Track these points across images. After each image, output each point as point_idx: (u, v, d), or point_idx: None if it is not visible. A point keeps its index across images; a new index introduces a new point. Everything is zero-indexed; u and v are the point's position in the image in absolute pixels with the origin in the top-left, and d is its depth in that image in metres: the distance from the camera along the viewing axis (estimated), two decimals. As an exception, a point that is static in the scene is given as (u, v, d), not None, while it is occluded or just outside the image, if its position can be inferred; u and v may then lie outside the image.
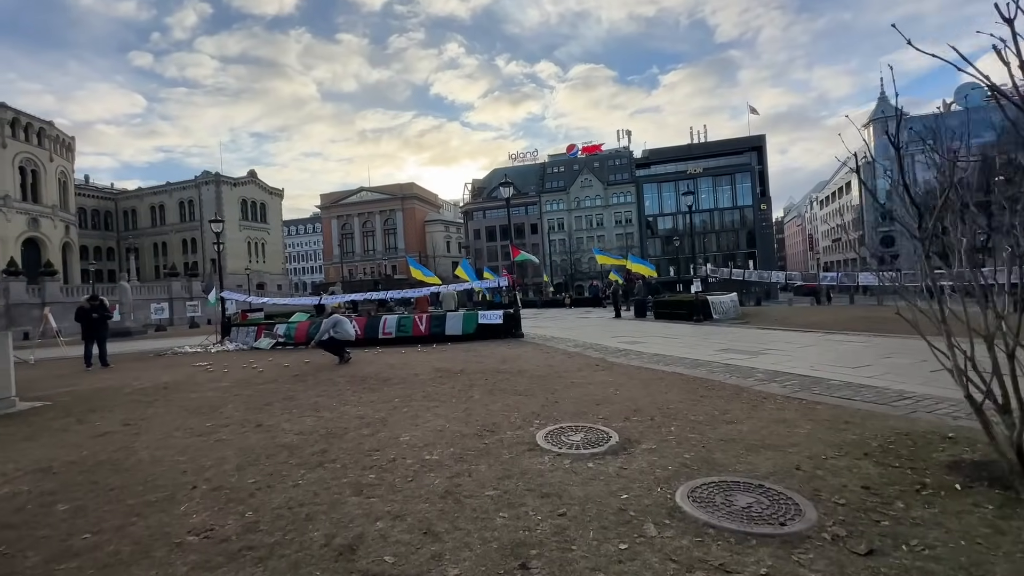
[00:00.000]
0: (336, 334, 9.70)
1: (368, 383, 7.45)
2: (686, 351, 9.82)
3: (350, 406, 6.03)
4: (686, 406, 5.42)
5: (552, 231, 73.82)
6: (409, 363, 9.47)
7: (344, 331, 9.79)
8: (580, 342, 12.37)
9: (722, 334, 12.75)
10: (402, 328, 13.64)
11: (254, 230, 67.46)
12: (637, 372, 7.75)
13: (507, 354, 10.29)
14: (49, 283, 32.48)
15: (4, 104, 45.18)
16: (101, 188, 69.07)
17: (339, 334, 9.72)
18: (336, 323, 9.74)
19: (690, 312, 17.06)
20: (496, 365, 8.78)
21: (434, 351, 11.55)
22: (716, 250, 71.17)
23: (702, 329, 14.47)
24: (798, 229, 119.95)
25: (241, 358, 12.09)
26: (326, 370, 9.08)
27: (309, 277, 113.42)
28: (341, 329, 9.74)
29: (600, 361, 9.01)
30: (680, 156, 74.65)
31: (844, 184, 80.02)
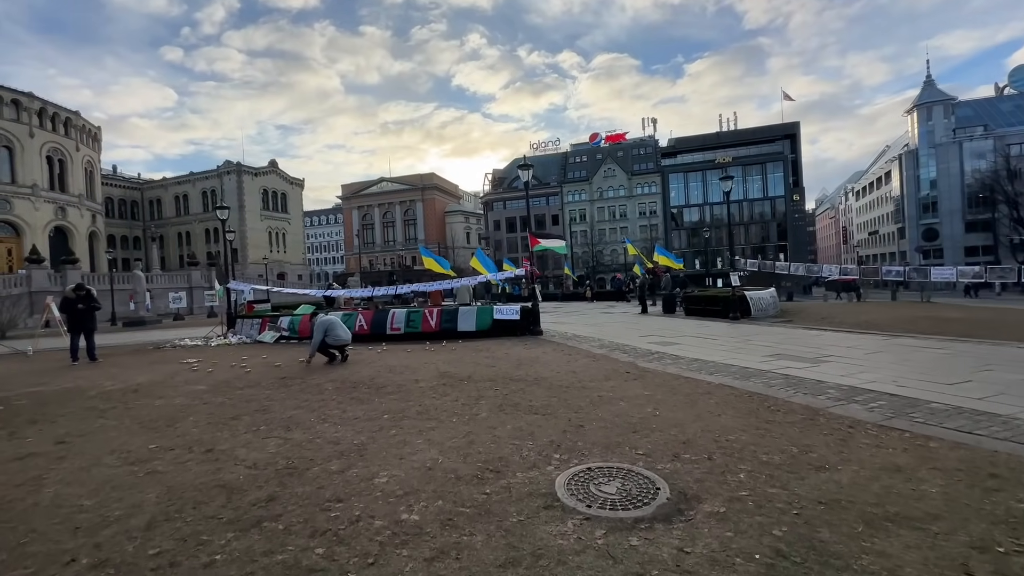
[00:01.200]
0: (328, 339, 8.68)
1: (359, 391, 6.38)
2: (730, 356, 8.49)
3: (328, 424, 4.96)
4: (751, 437, 4.17)
5: (574, 222, 72.08)
6: (412, 365, 8.39)
7: (337, 336, 8.77)
8: (606, 342, 11.12)
9: (766, 335, 11.33)
10: (411, 323, 12.60)
11: (275, 220, 67.61)
12: (677, 383, 6.49)
13: (523, 356, 9.12)
14: (70, 271, 32.62)
15: (32, 94, 45.74)
16: (128, 178, 70.14)
17: (332, 339, 8.70)
18: (328, 327, 8.71)
19: (726, 309, 15.59)
20: (510, 370, 7.62)
21: (442, 350, 10.46)
22: (745, 242, 68.41)
23: (741, 329, 13.04)
24: (831, 221, 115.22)
25: (238, 353, 11.23)
26: (318, 372, 8.07)
27: (331, 267, 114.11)
28: (333, 334, 8.71)
29: (631, 367, 7.77)
30: (708, 145, 71.85)
31: (883, 174, 75.96)
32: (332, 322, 8.87)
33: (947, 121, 63.41)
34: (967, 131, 62.58)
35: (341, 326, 9.02)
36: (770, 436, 4.18)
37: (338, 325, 8.92)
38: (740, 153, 69.48)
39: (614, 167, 72.27)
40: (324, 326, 8.74)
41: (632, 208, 71.64)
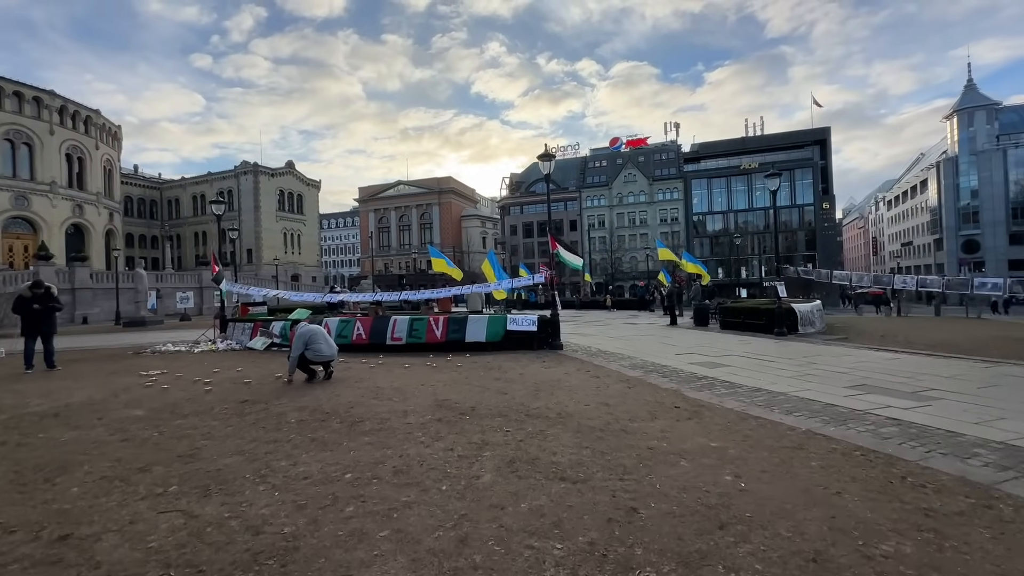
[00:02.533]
0: (309, 353, 7.24)
1: (327, 428, 4.88)
2: (800, 385, 6.80)
3: (265, 487, 3.45)
4: (916, 549, 2.54)
5: (592, 228, 70.32)
6: (405, 388, 6.88)
7: (319, 351, 7.32)
8: (638, 361, 9.48)
9: (829, 357, 9.56)
10: (414, 333, 11.12)
11: (291, 221, 67.23)
12: (748, 427, 4.86)
13: (542, 378, 7.55)
14: (79, 268, 32.10)
15: (53, 92, 45.95)
16: (148, 178, 70.59)
17: (312, 353, 7.26)
18: (310, 339, 7.28)
19: (769, 323, 13.79)
20: (525, 399, 6.05)
21: (446, 366, 8.94)
22: (771, 251, 65.73)
23: (793, 347, 11.26)
24: (859, 232, 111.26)
25: (215, 363, 9.88)
26: (289, 393, 6.61)
27: (347, 270, 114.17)
28: (315, 348, 7.27)
29: (678, 399, 6.14)
30: (733, 150, 69.52)
31: (919, 183, 72.56)
32: (314, 333, 7.43)
33: (990, 127, 60.15)
34: (1012, 138, 59.26)
35: (325, 339, 7.57)
36: (952, 550, 2.54)
37: (321, 337, 7.46)
38: (767, 159, 66.90)
39: (635, 172, 70.37)
40: (304, 338, 7.31)
41: (653, 214, 69.55)
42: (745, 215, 67.08)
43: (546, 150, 11.07)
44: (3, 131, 42.42)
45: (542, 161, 11.25)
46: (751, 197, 67.35)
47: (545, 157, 11.15)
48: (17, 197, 43.08)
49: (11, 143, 43.05)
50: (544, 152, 11.13)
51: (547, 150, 11.07)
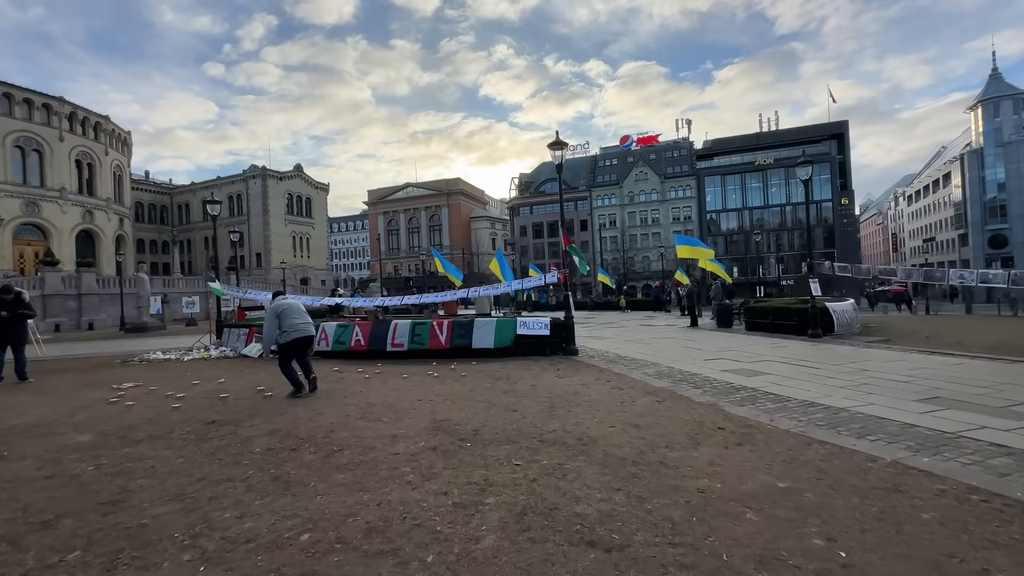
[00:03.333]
0: (284, 328, 6.41)
1: (297, 461, 4.00)
2: (860, 399, 5.79)
3: (192, 556, 2.58)
4: None
5: (603, 228, 69.14)
6: (399, 404, 5.99)
7: (293, 325, 6.47)
8: (663, 367, 8.51)
9: (876, 361, 8.50)
10: (416, 338, 10.25)
11: (299, 224, 67.02)
12: (814, 455, 3.89)
13: (557, 390, 6.62)
14: (85, 274, 31.81)
15: (63, 99, 46.07)
16: (159, 183, 70.89)
17: (287, 327, 6.44)
18: (284, 311, 6.48)
19: (802, 323, 12.71)
20: (539, 419, 5.13)
21: (449, 376, 8.05)
22: (788, 249, 64.08)
23: (833, 351, 10.19)
24: (878, 228, 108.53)
25: (200, 373, 9.10)
26: (264, 413, 5.76)
27: (357, 273, 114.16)
28: (290, 323, 6.46)
29: (720, 416, 5.18)
30: (747, 146, 67.93)
31: (941, 176, 70.24)
32: (288, 307, 6.60)
33: (1016, 117, 57.91)
34: (1039, 129, 56.94)
35: (301, 313, 6.75)
36: None
37: (296, 312, 6.65)
38: (782, 155, 65.24)
39: (646, 170, 69.08)
40: (277, 311, 6.49)
41: (665, 213, 68.18)
42: (760, 212, 65.43)
43: (557, 138, 10.15)
44: (13, 138, 42.57)
45: (553, 150, 10.33)
46: (766, 194, 65.72)
47: (556, 145, 10.23)
48: (27, 203, 43.19)
49: (21, 150, 43.18)
50: (555, 140, 10.21)
51: (558, 138, 10.15)
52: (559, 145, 10.19)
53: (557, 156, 10.30)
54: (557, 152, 10.32)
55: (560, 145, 10.18)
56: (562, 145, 10.20)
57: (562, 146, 10.22)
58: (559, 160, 10.24)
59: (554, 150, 10.33)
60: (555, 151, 10.30)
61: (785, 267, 61.94)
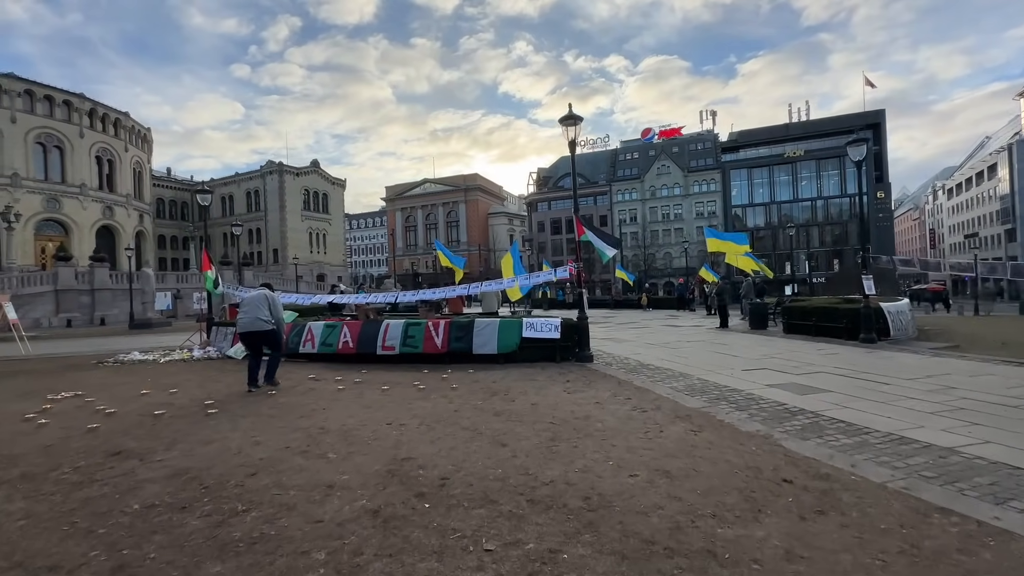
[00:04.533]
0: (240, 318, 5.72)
1: (170, 533, 2.79)
2: (969, 433, 4.31)
3: None
4: None
5: (624, 223, 67.08)
6: (359, 432, 4.77)
7: (239, 322, 5.81)
8: (694, 379, 7.12)
9: (960, 375, 6.94)
10: (409, 341, 9.05)
11: (316, 220, 66.80)
12: (946, 541, 2.50)
13: (563, 411, 5.31)
14: (98, 269, 31.68)
15: (83, 95, 46.43)
16: (180, 180, 71.61)
17: (243, 315, 5.75)
18: (241, 304, 5.83)
19: (852, 326, 11.09)
20: (533, 459, 3.84)
21: (438, 388, 6.81)
22: (819, 245, 61.15)
23: (895, 360, 8.63)
24: (914, 223, 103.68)
25: (162, 378, 8.06)
26: (189, 439, 4.60)
27: (375, 270, 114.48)
28: (244, 314, 5.75)
29: (780, 457, 3.80)
30: (776, 137, 64.98)
31: (985, 168, 66.16)
32: (244, 301, 6.00)
33: (1075, 103, 53.96)
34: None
35: (256, 308, 6.11)
36: None
37: (252, 305, 6.03)
38: (813, 146, 62.18)
39: (669, 164, 66.81)
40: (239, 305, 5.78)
41: (688, 208, 65.87)
42: (789, 207, 62.58)
43: (570, 111, 8.80)
44: (35, 134, 42.99)
45: (566, 126, 8.98)
46: (796, 187, 62.82)
47: (568, 120, 8.87)
48: (49, 199, 43.62)
49: (43, 146, 43.60)
50: (568, 114, 8.85)
51: (571, 111, 8.79)
52: (572, 119, 8.84)
53: (571, 132, 8.95)
54: (571, 128, 8.97)
55: (574, 119, 8.83)
56: (576, 119, 8.83)
57: (576, 120, 8.86)
58: (572, 137, 8.89)
59: (567, 126, 8.98)
60: (568, 127, 8.95)
61: (816, 264, 59.12)
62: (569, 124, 8.95)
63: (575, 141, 8.89)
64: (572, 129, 8.94)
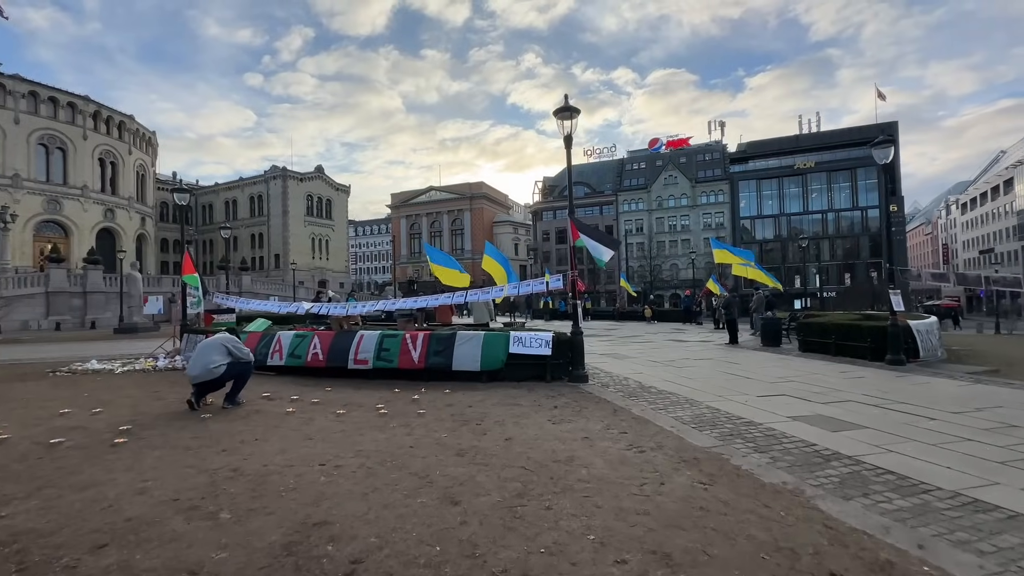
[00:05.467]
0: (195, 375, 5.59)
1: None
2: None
3: None
4: None
5: (630, 234, 66.12)
6: (279, 477, 3.83)
7: (193, 364, 5.74)
8: (703, 407, 6.13)
9: (1014, 408, 5.90)
10: (384, 355, 8.13)
11: (319, 226, 66.35)
12: None
13: (541, 450, 4.35)
14: (91, 272, 31.06)
15: (87, 97, 46.38)
16: (187, 184, 71.67)
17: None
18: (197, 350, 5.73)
19: (878, 346, 10.05)
20: (487, 530, 2.88)
21: (402, 413, 5.87)
22: (829, 259, 59.77)
23: (932, 387, 7.59)
24: (926, 238, 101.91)
25: (102, 393, 7.19)
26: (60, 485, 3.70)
27: (380, 277, 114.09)
28: (192, 361, 5.68)
29: (818, 528, 2.81)
30: (786, 149, 63.86)
31: (1001, 183, 64.67)
32: (207, 345, 5.81)
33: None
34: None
35: (205, 354, 5.77)
36: None
37: (203, 351, 5.77)
38: (824, 158, 61.04)
39: (676, 174, 65.93)
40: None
41: (695, 219, 64.81)
42: (799, 219, 61.34)
43: (566, 102, 7.92)
44: (38, 136, 42.86)
45: (561, 119, 8.11)
46: (806, 199, 61.58)
47: (564, 112, 7.99)
48: (49, 201, 43.36)
49: (45, 148, 43.45)
50: (563, 106, 7.97)
51: (567, 103, 7.92)
52: (568, 112, 7.95)
53: (567, 127, 8.06)
54: (567, 122, 8.09)
55: (570, 112, 7.94)
56: (572, 112, 7.94)
57: (572, 113, 7.97)
58: (568, 131, 8.00)
59: (563, 119, 8.10)
60: (564, 120, 8.07)
61: (826, 278, 57.81)
62: (565, 117, 8.07)
63: (571, 136, 8.00)
64: (568, 123, 8.07)
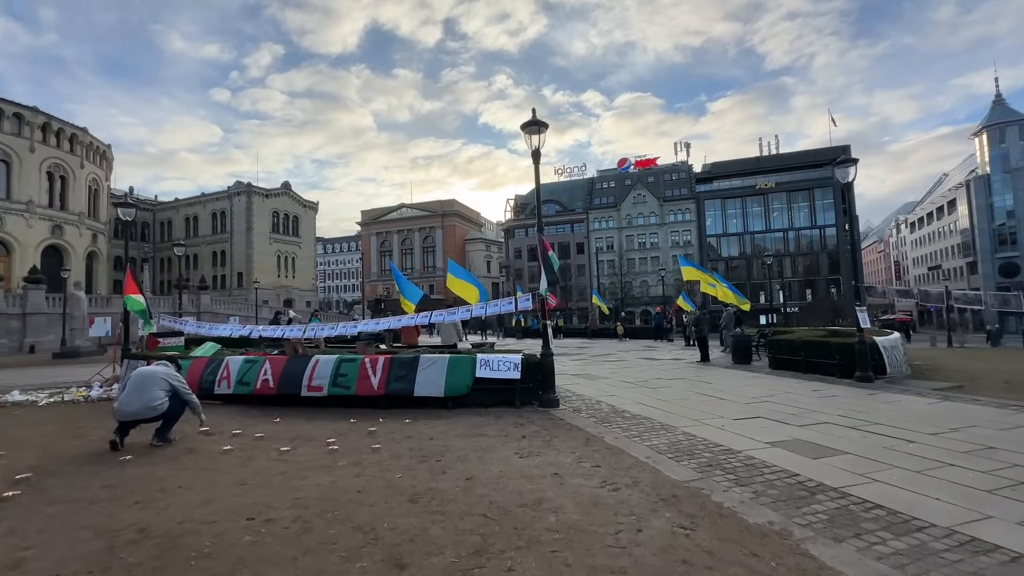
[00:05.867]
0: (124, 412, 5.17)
1: None
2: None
3: None
4: None
5: (600, 251, 66.85)
6: (199, 533, 3.28)
7: (120, 402, 5.25)
8: (678, 432, 5.81)
9: (987, 428, 5.81)
10: (340, 380, 7.56)
11: (285, 243, 64.50)
12: None
13: (506, 492, 3.92)
14: (32, 292, 28.96)
15: (36, 108, 44.04)
16: (142, 200, 68.53)
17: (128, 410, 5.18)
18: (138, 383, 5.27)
19: (846, 363, 10.05)
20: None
21: (355, 449, 5.34)
22: (791, 275, 61.76)
23: (903, 406, 7.54)
24: (879, 255, 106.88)
25: (19, 428, 6.38)
26: None
27: (350, 295, 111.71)
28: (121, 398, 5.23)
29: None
30: (748, 170, 66.34)
31: (945, 203, 68.58)
32: (132, 377, 5.38)
33: (1023, 143, 56.52)
34: (1050, 156, 55.50)
35: (140, 387, 5.25)
36: None
37: (136, 384, 5.26)
38: (784, 179, 63.59)
39: (644, 193, 67.33)
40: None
41: (664, 237, 66.11)
42: (762, 237, 63.40)
43: (533, 117, 7.69)
44: (-21, 148, 40.37)
45: (528, 134, 7.86)
46: (768, 218, 63.83)
47: (532, 127, 7.75)
48: (-11, 217, 40.67)
49: (-14, 160, 40.95)
50: (531, 120, 7.73)
51: (534, 117, 7.68)
52: (536, 126, 7.71)
53: (534, 141, 7.82)
54: (534, 136, 7.84)
55: (537, 126, 7.70)
56: (540, 126, 7.71)
57: (540, 128, 7.74)
58: (536, 145, 7.75)
59: (530, 134, 7.85)
60: (531, 135, 7.83)
61: (790, 294, 59.63)
62: (533, 132, 7.83)
63: (539, 151, 7.76)
64: (536, 137, 7.83)
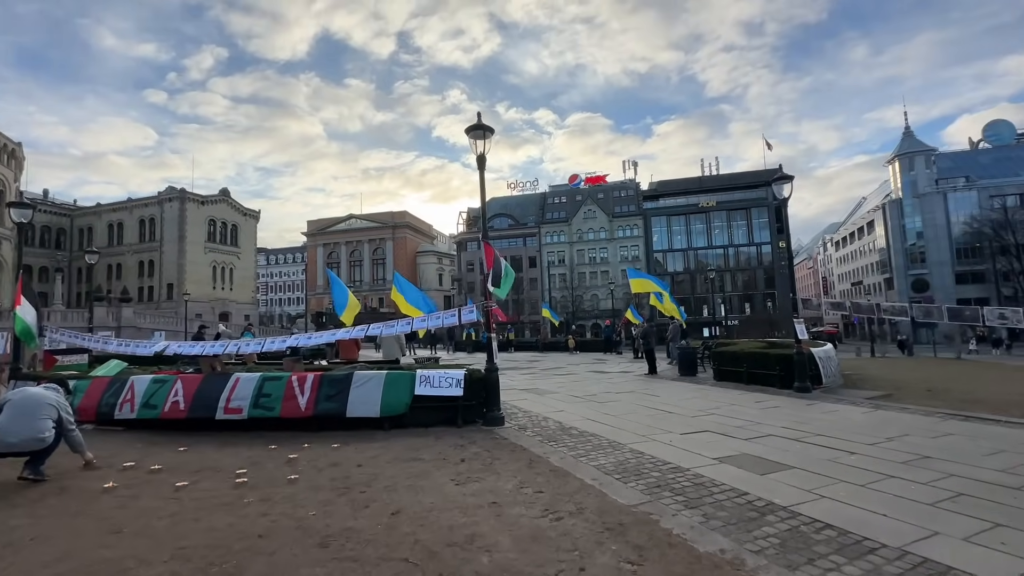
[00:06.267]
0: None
1: None
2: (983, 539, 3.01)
3: None
4: None
5: (552, 265, 67.56)
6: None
7: (26, 434, 4.54)
8: (626, 450, 5.55)
9: (918, 436, 5.95)
10: (263, 401, 6.81)
11: (222, 253, 60.78)
12: None
13: (440, 526, 3.46)
14: (-87, 304, 25.56)
15: (-69, 99, 39.63)
16: (58, 204, 62.85)
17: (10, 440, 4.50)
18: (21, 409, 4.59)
19: (786, 374, 10.29)
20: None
21: (270, 480, 4.71)
22: (731, 289, 64.81)
23: (840, 415, 7.70)
24: (809, 271, 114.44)
25: None
26: None
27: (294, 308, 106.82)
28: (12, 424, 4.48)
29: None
30: (691, 189, 69.43)
31: (865, 224, 74.57)
32: (27, 401, 4.67)
33: (929, 171, 62.45)
34: (949, 182, 61.61)
35: (33, 412, 4.61)
36: None
37: (33, 408, 4.62)
38: (723, 198, 67.05)
39: (595, 209, 68.90)
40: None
41: (613, 251, 67.75)
42: (705, 253, 66.31)
43: (479, 121, 7.39)
44: None
45: (473, 139, 7.54)
46: (710, 235, 66.90)
47: (477, 131, 7.44)
48: None
49: None
50: (476, 123, 7.43)
51: (480, 121, 7.39)
52: (481, 130, 7.41)
53: (479, 146, 7.51)
54: (479, 141, 7.54)
55: (483, 130, 7.40)
56: (485, 130, 7.42)
57: (486, 132, 7.44)
58: (481, 151, 7.44)
59: (475, 139, 7.54)
60: (476, 139, 7.52)
61: (730, 307, 62.40)
62: (478, 136, 7.52)
63: (484, 156, 7.46)
64: (481, 142, 7.52)
